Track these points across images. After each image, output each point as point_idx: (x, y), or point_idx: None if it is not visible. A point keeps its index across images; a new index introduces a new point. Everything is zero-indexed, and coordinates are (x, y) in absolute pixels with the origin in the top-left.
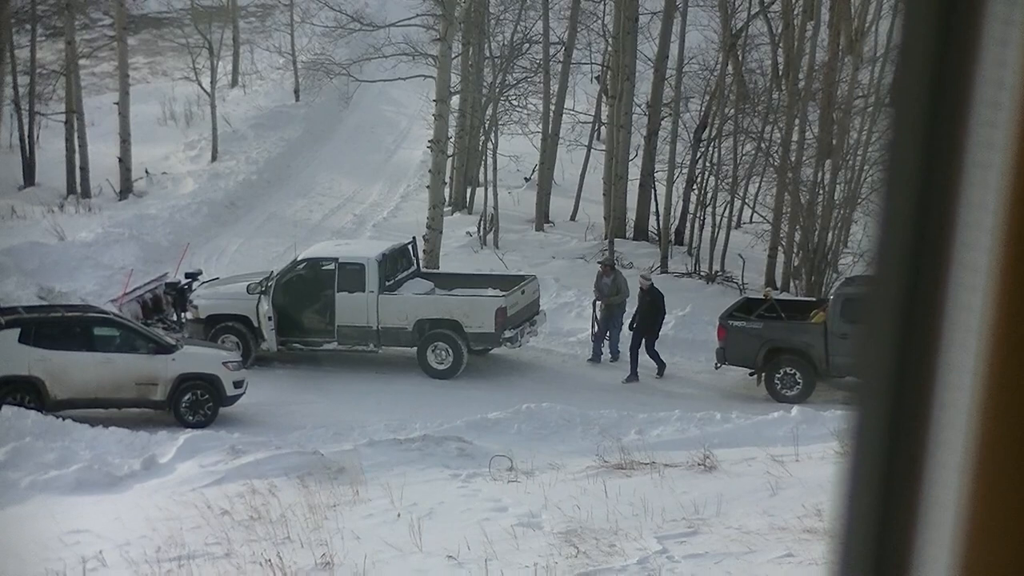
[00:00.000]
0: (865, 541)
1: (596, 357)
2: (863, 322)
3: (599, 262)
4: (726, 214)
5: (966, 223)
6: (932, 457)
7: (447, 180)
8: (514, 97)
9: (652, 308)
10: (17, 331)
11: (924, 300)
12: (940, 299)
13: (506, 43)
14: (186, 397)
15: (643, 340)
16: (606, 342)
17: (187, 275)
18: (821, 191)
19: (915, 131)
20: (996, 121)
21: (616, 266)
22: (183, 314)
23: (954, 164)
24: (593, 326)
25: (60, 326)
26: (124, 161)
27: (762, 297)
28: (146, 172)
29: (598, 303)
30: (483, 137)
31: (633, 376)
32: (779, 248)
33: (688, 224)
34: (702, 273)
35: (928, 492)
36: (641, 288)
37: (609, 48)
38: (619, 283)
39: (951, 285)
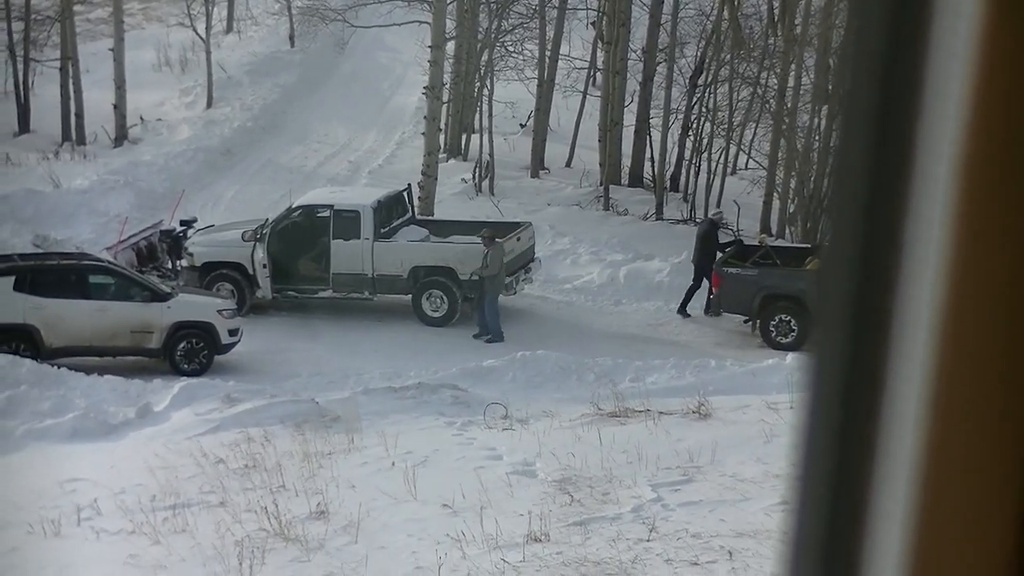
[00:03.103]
0: (821, 489)
1: (483, 333)
2: (818, 301)
3: (480, 235)
4: (722, 160)
5: (917, 213)
6: (887, 408)
7: (442, 127)
8: (510, 43)
9: (705, 245)
10: (12, 279)
11: (877, 290)
12: (893, 284)
13: None
14: (181, 345)
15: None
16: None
17: (182, 222)
18: (817, 137)
19: (866, 122)
20: (946, 112)
21: (496, 239)
22: (178, 262)
23: (905, 155)
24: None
25: (55, 274)
26: (119, 108)
27: (757, 244)
28: (141, 119)
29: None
30: (479, 83)
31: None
32: (775, 194)
33: (684, 171)
34: (697, 220)
35: (884, 448)
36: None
37: None
38: (489, 257)
39: (904, 271)
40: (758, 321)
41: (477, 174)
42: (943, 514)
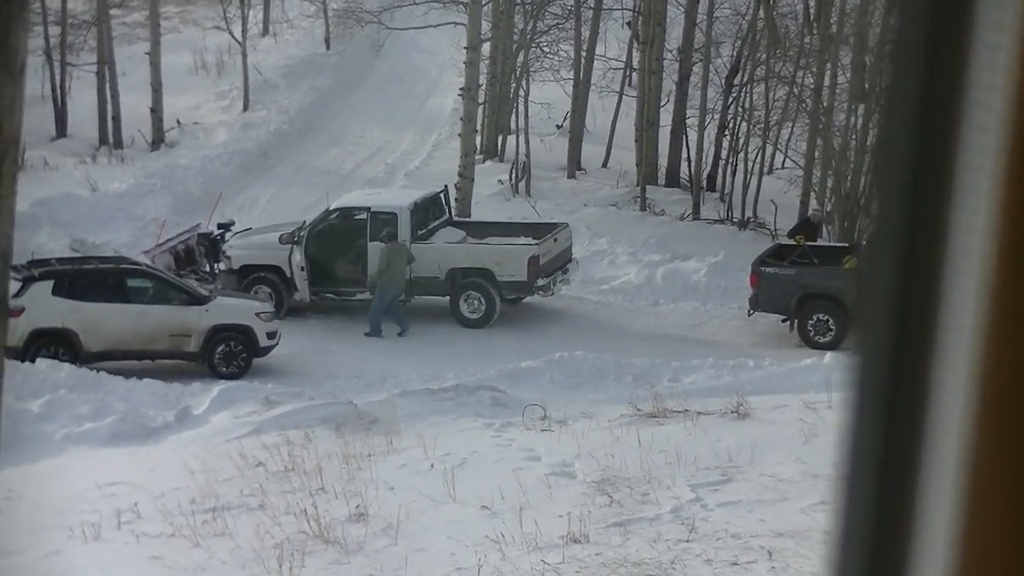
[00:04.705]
0: (867, 488)
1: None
2: (860, 298)
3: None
4: (758, 160)
5: (961, 206)
6: (933, 405)
7: (478, 128)
8: (545, 44)
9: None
10: (51, 283)
11: (921, 283)
12: (937, 277)
13: None
14: (220, 348)
15: None
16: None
17: (220, 225)
18: (854, 136)
19: (908, 115)
20: (987, 125)
21: (396, 239)
22: (216, 265)
23: (947, 168)
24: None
25: (93, 278)
26: (156, 111)
27: (794, 243)
28: (178, 122)
29: None
30: (514, 84)
31: None
32: (811, 193)
33: (720, 170)
34: (734, 219)
35: (929, 442)
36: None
37: None
38: (383, 253)
39: (948, 264)
40: (796, 320)
41: (514, 175)
42: (991, 511)
